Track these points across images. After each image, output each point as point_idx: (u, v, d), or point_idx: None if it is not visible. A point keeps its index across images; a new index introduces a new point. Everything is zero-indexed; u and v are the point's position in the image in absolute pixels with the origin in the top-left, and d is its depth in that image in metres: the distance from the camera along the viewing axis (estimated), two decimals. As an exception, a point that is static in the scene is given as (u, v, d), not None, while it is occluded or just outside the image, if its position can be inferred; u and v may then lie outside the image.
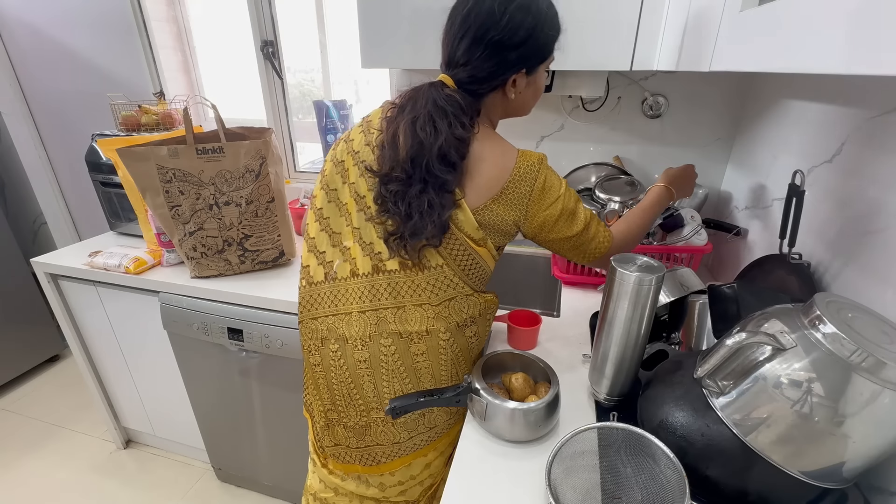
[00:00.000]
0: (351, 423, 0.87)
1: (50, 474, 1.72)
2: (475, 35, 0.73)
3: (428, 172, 0.74)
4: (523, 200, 0.77)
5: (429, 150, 0.73)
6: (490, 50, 0.73)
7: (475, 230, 0.77)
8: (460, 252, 0.79)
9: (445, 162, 0.73)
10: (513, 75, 0.77)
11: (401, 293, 0.80)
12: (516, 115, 0.87)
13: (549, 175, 0.78)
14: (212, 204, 1.19)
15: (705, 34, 0.77)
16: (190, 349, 1.36)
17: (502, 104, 0.82)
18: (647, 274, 0.66)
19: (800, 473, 0.52)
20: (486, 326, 0.89)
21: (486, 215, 0.77)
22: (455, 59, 0.76)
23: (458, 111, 0.75)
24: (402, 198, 0.76)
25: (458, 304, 0.82)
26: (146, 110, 1.54)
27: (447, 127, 0.73)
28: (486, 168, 0.76)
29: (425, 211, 0.74)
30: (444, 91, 0.76)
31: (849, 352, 0.48)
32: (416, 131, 0.74)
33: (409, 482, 0.92)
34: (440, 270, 0.80)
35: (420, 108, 0.75)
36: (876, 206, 0.68)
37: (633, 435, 0.62)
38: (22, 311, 2.10)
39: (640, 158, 1.39)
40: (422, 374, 0.82)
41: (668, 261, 1.14)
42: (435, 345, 0.81)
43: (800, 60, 0.48)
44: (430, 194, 0.74)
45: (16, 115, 2.10)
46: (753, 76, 1.18)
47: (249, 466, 1.56)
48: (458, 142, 0.74)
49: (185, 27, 1.88)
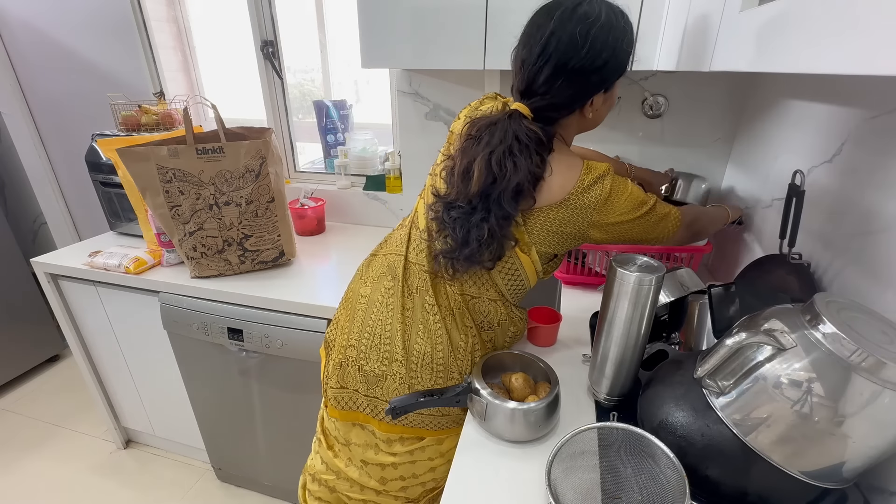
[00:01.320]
0: (368, 367, 0.85)
1: (50, 474, 1.72)
2: (556, 64, 0.70)
3: (497, 205, 0.74)
4: (587, 210, 0.75)
5: (502, 186, 0.72)
6: (573, 78, 0.71)
7: (520, 233, 0.78)
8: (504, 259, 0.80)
9: (518, 198, 0.74)
10: (594, 97, 0.75)
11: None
12: (588, 130, 0.86)
13: (615, 186, 0.75)
14: (212, 204, 1.19)
15: (705, 34, 0.77)
16: (190, 349, 1.36)
17: (578, 124, 0.80)
18: (647, 274, 0.66)
19: (800, 473, 0.52)
20: (505, 341, 0.89)
21: (539, 218, 0.77)
22: (534, 88, 0.74)
23: (538, 146, 0.73)
24: (463, 225, 0.76)
25: (479, 304, 0.84)
26: (146, 110, 1.54)
27: (528, 164, 0.72)
28: (550, 180, 0.75)
29: (485, 241, 0.75)
30: (524, 124, 0.73)
31: (849, 352, 0.48)
32: (491, 166, 0.72)
33: (411, 479, 0.91)
34: (474, 273, 0.82)
35: (497, 142, 0.73)
36: (876, 207, 0.68)
37: (633, 435, 0.62)
38: (22, 311, 2.10)
39: (640, 158, 1.39)
40: (456, 347, 0.82)
41: (668, 261, 1.14)
42: (464, 327, 0.83)
43: (800, 60, 0.48)
44: (492, 223, 0.74)
45: (16, 115, 2.10)
46: (753, 76, 1.18)
47: (249, 466, 1.56)
48: (534, 177, 0.73)
49: (185, 27, 1.88)
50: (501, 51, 1.06)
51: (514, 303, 0.88)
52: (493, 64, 1.08)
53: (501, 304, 0.85)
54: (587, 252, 1.17)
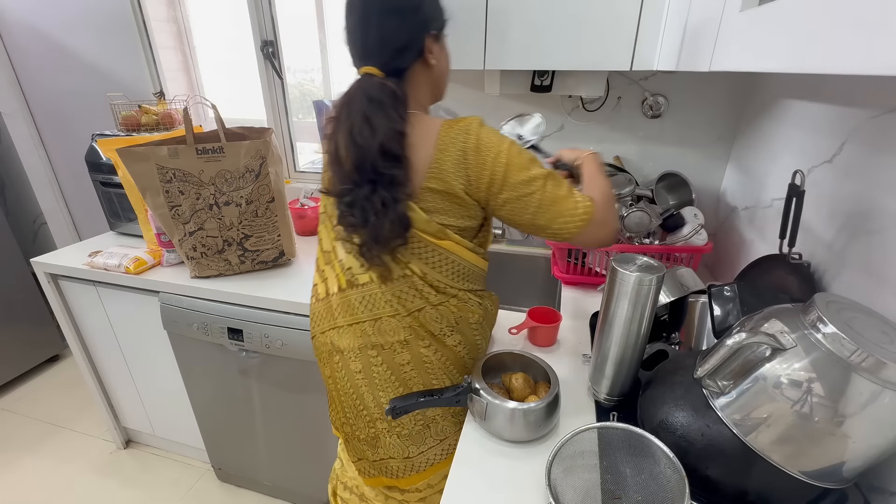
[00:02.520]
0: (362, 435, 0.88)
1: (50, 474, 1.72)
2: (379, 12, 0.72)
3: (375, 173, 0.72)
4: (459, 166, 0.72)
5: (369, 152, 0.71)
6: (399, 16, 0.73)
7: (427, 223, 0.75)
8: (422, 250, 0.78)
9: (389, 157, 0.71)
10: (426, 39, 0.75)
11: (376, 305, 0.81)
12: (440, 92, 0.86)
13: (481, 133, 0.73)
14: (212, 204, 1.19)
15: (705, 34, 0.77)
16: (190, 349, 1.36)
17: (426, 78, 0.80)
18: (647, 274, 0.66)
19: (800, 473, 0.52)
20: (473, 334, 0.86)
21: (426, 200, 0.75)
22: (369, 45, 0.74)
23: (394, 101, 0.72)
24: (355, 205, 0.74)
25: (427, 314, 0.81)
26: (146, 110, 1.54)
27: (385, 121, 0.71)
28: (417, 153, 0.74)
29: (380, 210, 0.72)
30: (374, 81, 0.73)
31: (849, 352, 0.48)
32: (354, 139, 0.72)
33: (427, 490, 0.93)
34: (406, 280, 0.79)
35: (355, 112, 0.72)
36: (876, 207, 0.68)
37: (633, 435, 0.62)
38: (22, 311, 2.10)
39: (639, 158, 1.39)
40: (413, 385, 0.83)
41: (668, 261, 1.14)
42: (418, 354, 0.81)
43: (800, 60, 0.48)
44: (381, 192, 0.72)
45: (16, 115, 2.10)
46: (753, 76, 1.18)
47: (249, 466, 1.56)
48: (397, 134, 0.72)
49: (185, 27, 1.88)
50: (501, 51, 1.06)
51: (466, 289, 0.84)
52: (493, 64, 1.08)
53: (451, 298, 0.82)
54: (587, 252, 1.17)
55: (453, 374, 0.85)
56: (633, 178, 1.22)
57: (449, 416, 0.86)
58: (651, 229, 1.12)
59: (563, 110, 1.38)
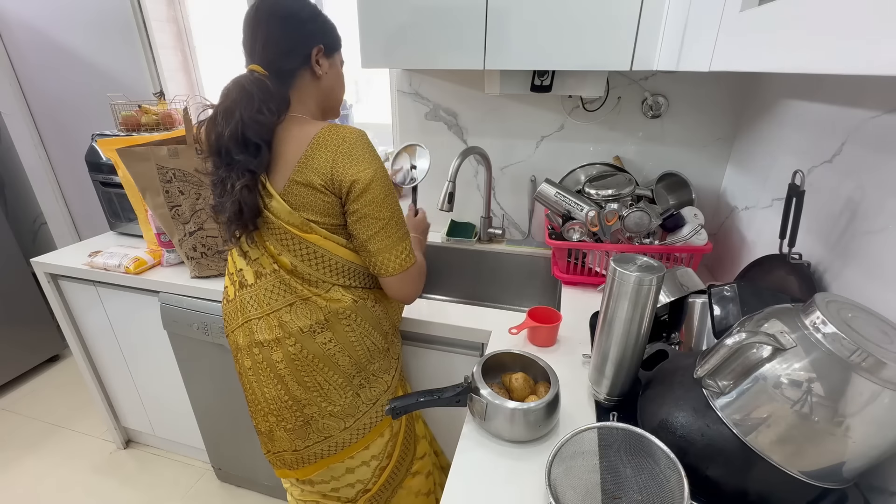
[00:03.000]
0: (262, 428, 0.95)
1: (50, 474, 1.72)
2: (268, 15, 0.79)
3: (229, 158, 0.77)
4: (326, 160, 0.77)
5: (222, 137, 0.76)
6: (285, 23, 0.79)
7: (290, 214, 0.79)
8: (290, 241, 0.82)
9: (242, 145, 0.76)
10: (313, 49, 0.81)
11: (259, 304, 0.86)
12: (332, 107, 0.91)
13: (358, 141, 0.78)
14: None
15: (705, 34, 0.77)
16: (190, 349, 1.36)
17: (313, 88, 0.85)
18: (647, 274, 0.66)
19: (800, 473, 0.52)
20: (346, 333, 0.87)
21: (292, 194, 0.79)
22: (256, 46, 0.80)
23: (265, 95, 0.77)
24: (216, 186, 0.80)
25: (298, 309, 0.85)
26: (146, 110, 1.54)
27: (248, 111, 0.75)
28: (290, 147, 0.79)
29: (228, 191, 0.78)
30: (252, 76, 0.78)
31: (849, 352, 0.48)
32: (215, 125, 0.78)
33: (334, 482, 0.99)
34: (276, 275, 0.84)
35: (226, 100, 0.77)
36: (876, 206, 0.68)
37: (633, 435, 0.62)
38: (22, 311, 2.10)
39: (639, 158, 1.39)
40: (287, 381, 0.87)
41: (668, 261, 1.14)
42: (287, 352, 0.85)
43: (800, 60, 0.48)
44: (233, 178, 0.77)
45: (16, 115, 2.10)
46: (753, 76, 1.18)
47: (249, 466, 1.56)
48: (257, 125, 0.76)
49: (185, 27, 1.88)
50: (501, 51, 1.06)
51: (342, 284, 0.86)
52: (493, 64, 1.08)
53: (322, 293, 0.85)
54: (587, 252, 1.17)
55: (325, 373, 0.87)
56: (633, 178, 1.22)
57: (328, 417, 0.90)
58: (651, 229, 1.12)
59: (563, 110, 1.38)
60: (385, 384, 0.95)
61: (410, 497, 1.09)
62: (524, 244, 1.52)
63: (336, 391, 0.89)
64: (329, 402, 0.89)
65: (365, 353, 0.90)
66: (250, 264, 0.86)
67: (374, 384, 0.93)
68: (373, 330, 0.91)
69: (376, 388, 0.94)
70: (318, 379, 0.87)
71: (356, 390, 0.91)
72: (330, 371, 0.88)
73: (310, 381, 0.87)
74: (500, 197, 1.56)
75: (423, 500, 1.12)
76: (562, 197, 1.16)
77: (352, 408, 0.91)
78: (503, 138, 1.46)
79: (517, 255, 1.49)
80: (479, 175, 1.54)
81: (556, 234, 1.23)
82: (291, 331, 0.84)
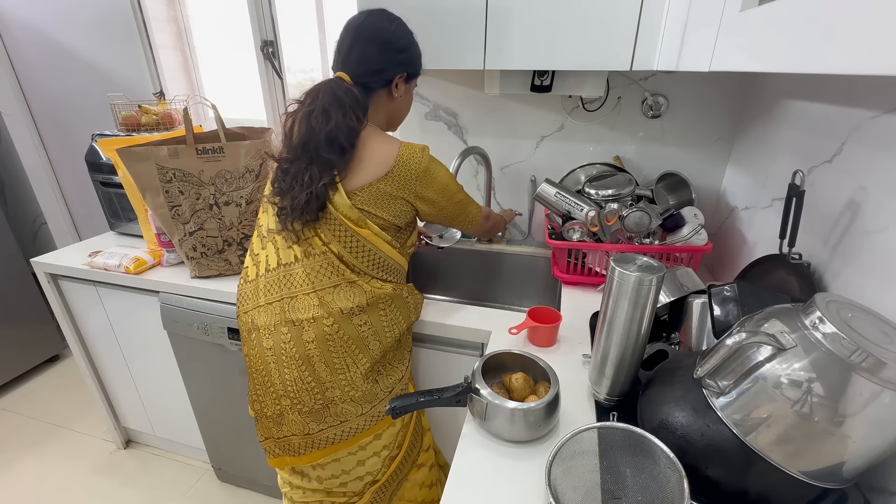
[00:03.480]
0: (269, 412, 0.95)
1: (50, 474, 1.72)
2: (370, 36, 0.88)
3: (316, 153, 0.85)
4: (410, 183, 0.88)
5: (318, 135, 0.84)
6: (381, 48, 0.89)
7: (349, 209, 0.87)
8: (343, 233, 0.88)
9: (333, 145, 0.84)
10: (397, 75, 0.91)
11: (294, 284, 0.90)
12: (396, 122, 1.02)
13: (431, 162, 0.90)
14: (212, 204, 1.19)
15: (705, 34, 0.77)
16: (190, 349, 1.36)
17: (386, 105, 0.95)
18: (647, 274, 0.66)
19: (800, 473, 0.52)
20: (380, 318, 0.93)
21: (368, 193, 0.87)
22: (350, 57, 0.89)
23: (354, 103, 0.86)
24: (289, 173, 0.87)
25: (343, 291, 0.89)
26: (146, 110, 1.54)
27: (341, 116, 0.84)
28: (372, 154, 0.88)
29: (305, 183, 0.84)
30: (343, 85, 0.87)
31: (849, 352, 0.48)
32: (309, 122, 0.85)
33: (343, 476, 0.99)
34: (325, 256, 0.89)
35: (318, 102, 0.85)
36: (876, 206, 0.68)
37: (633, 435, 0.62)
38: (22, 311, 2.10)
39: (639, 158, 1.39)
40: (315, 362, 0.89)
41: (668, 261, 1.14)
42: (321, 332, 0.88)
43: (800, 60, 0.48)
44: (313, 170, 0.85)
45: (16, 115, 2.10)
46: (753, 76, 1.18)
47: (249, 466, 1.56)
48: (348, 129, 0.85)
49: (185, 27, 1.88)
50: (501, 51, 1.06)
51: (381, 277, 0.94)
52: (493, 64, 1.08)
53: (364, 283, 0.91)
54: (587, 252, 1.17)
55: (356, 355, 0.90)
56: (633, 178, 1.22)
57: (349, 401, 0.91)
58: (651, 229, 1.12)
59: (563, 110, 1.38)
60: (400, 373, 0.98)
61: (415, 489, 1.09)
62: (524, 244, 1.52)
63: (361, 376, 0.91)
64: (352, 387, 0.91)
65: (393, 340, 0.95)
66: (296, 245, 0.90)
67: (391, 373, 0.97)
68: (402, 319, 0.97)
69: (392, 377, 0.97)
70: (348, 361, 0.90)
71: (376, 377, 0.94)
72: (360, 354, 0.91)
73: (339, 363, 0.89)
74: (500, 197, 1.56)
75: (427, 491, 1.13)
76: (562, 197, 1.16)
77: (371, 394, 0.93)
78: (503, 138, 1.46)
79: (517, 255, 1.49)
80: (479, 175, 1.54)
81: (556, 234, 1.23)
82: (332, 311, 0.88)
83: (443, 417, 1.20)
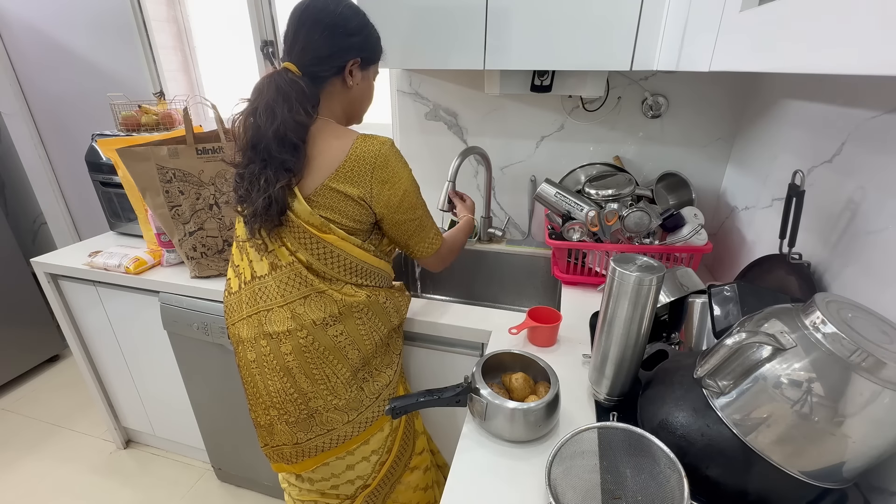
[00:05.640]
0: (262, 421, 0.95)
1: (50, 474, 1.72)
2: (314, 20, 0.81)
3: (269, 154, 0.79)
4: (365, 178, 0.81)
5: (266, 135, 0.78)
6: (328, 31, 0.81)
7: (310, 215, 0.82)
8: (308, 241, 0.84)
9: (284, 144, 0.79)
10: (349, 61, 0.84)
11: (269, 296, 0.86)
12: (356, 114, 0.94)
13: (393, 155, 0.83)
14: (212, 204, 1.19)
15: (705, 34, 0.77)
16: (190, 349, 1.36)
17: (341, 96, 0.88)
18: (647, 274, 0.66)
19: (800, 473, 0.52)
20: (357, 326, 0.89)
21: (323, 196, 0.81)
22: (296, 45, 0.82)
23: (301, 96, 0.80)
24: (245, 178, 0.82)
25: (313, 301, 0.86)
26: (146, 110, 1.54)
27: (286, 111, 0.78)
28: (322, 151, 0.82)
29: (261, 187, 0.80)
30: (287, 76, 0.81)
31: (849, 352, 0.48)
32: (255, 120, 0.80)
33: (334, 479, 0.99)
34: (292, 267, 0.85)
35: (262, 98, 0.80)
36: (876, 206, 0.68)
37: (633, 435, 0.62)
38: (22, 311, 2.10)
39: (639, 158, 1.39)
40: (295, 373, 0.87)
41: (668, 261, 1.14)
42: (297, 344, 0.86)
43: (800, 60, 0.48)
44: (268, 173, 0.79)
45: (16, 115, 2.10)
46: (753, 76, 1.18)
47: (249, 466, 1.56)
48: (296, 125, 0.79)
49: (185, 27, 1.88)
50: (501, 51, 1.06)
51: (355, 283, 0.89)
52: (493, 64, 1.08)
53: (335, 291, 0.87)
54: (587, 252, 1.17)
55: (334, 365, 0.88)
56: (633, 178, 1.22)
57: (333, 410, 0.90)
58: (651, 229, 1.12)
59: (563, 110, 1.38)
60: (387, 378, 0.96)
61: (409, 492, 1.09)
62: (524, 244, 1.52)
63: (342, 385, 0.90)
64: (335, 396, 0.90)
65: (373, 347, 0.92)
66: (265, 256, 0.86)
67: (378, 378, 0.95)
68: (382, 325, 0.93)
69: (379, 383, 0.95)
70: (327, 371, 0.88)
71: (360, 384, 0.92)
72: (339, 364, 0.89)
73: (318, 374, 0.88)
74: (500, 197, 1.56)
75: (422, 494, 1.12)
76: (562, 197, 1.16)
77: (356, 402, 0.92)
78: (503, 138, 1.47)
79: (517, 255, 1.49)
80: (479, 175, 1.54)
81: (556, 234, 1.23)
82: (304, 323, 0.85)
83: (442, 418, 1.20)
